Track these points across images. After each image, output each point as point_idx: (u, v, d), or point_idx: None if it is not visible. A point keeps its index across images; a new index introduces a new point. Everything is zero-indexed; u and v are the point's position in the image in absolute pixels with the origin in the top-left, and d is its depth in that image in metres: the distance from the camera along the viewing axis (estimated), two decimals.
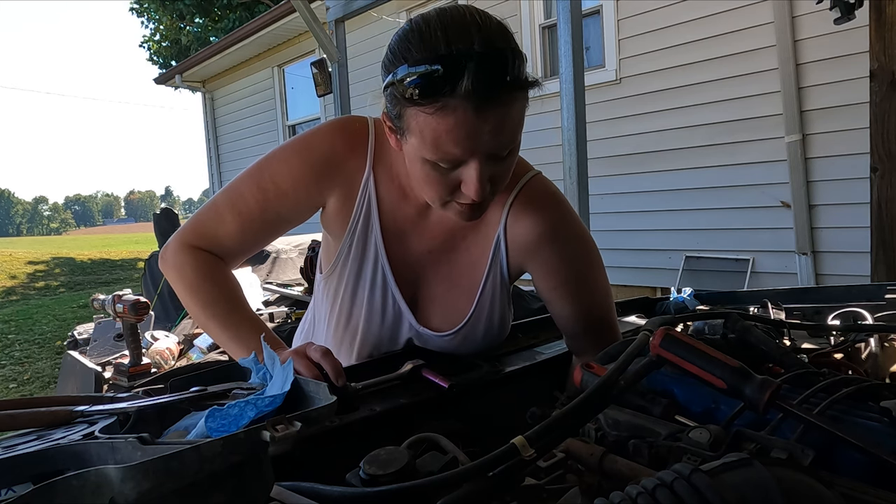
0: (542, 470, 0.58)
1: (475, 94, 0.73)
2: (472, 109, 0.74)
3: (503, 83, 0.75)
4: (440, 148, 0.78)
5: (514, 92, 0.77)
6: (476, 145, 0.78)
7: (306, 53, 8.24)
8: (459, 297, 1.03)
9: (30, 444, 0.62)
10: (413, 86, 0.75)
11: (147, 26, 17.13)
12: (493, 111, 0.76)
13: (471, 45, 0.73)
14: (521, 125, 0.82)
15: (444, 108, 0.75)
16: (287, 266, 4.79)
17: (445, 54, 0.73)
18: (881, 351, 0.93)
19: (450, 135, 0.76)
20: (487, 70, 0.73)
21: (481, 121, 0.76)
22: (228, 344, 1.00)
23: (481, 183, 0.81)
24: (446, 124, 0.76)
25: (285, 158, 0.99)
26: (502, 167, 0.84)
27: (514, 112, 0.79)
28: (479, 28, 0.75)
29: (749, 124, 4.39)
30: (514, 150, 0.84)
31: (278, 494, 0.55)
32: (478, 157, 0.79)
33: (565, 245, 0.99)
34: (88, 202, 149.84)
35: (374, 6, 3.98)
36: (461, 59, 0.73)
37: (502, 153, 0.81)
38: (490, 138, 0.78)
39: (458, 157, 0.80)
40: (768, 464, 0.43)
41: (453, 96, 0.73)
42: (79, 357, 3.27)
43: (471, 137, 0.77)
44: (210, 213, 1.03)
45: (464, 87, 0.73)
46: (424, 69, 0.74)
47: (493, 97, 0.75)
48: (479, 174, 0.80)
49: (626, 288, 5.02)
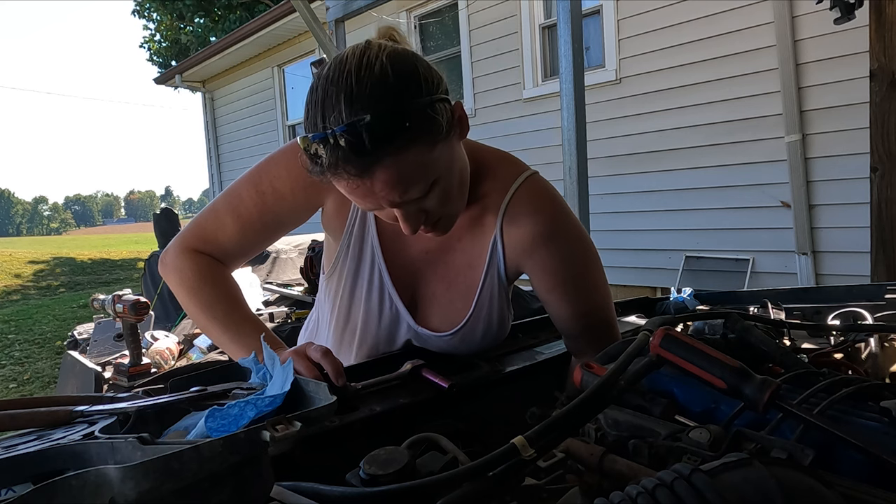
0: (542, 470, 0.58)
1: (345, 167, 0.76)
2: (353, 177, 0.77)
3: (363, 154, 0.75)
4: (354, 202, 0.85)
5: (388, 152, 0.76)
6: (377, 200, 0.81)
7: (306, 53, 8.24)
8: (457, 298, 1.03)
9: (30, 444, 0.62)
10: (308, 155, 0.79)
11: (147, 27, 17.13)
12: (375, 174, 0.77)
13: (334, 120, 0.74)
14: (429, 170, 0.81)
15: (335, 176, 0.78)
16: (287, 266, 4.79)
17: (320, 129, 0.75)
18: (881, 351, 0.93)
19: (349, 193, 0.82)
20: (343, 147, 0.74)
21: (368, 184, 0.78)
22: (229, 345, 1.00)
23: (408, 221, 0.85)
24: (341, 186, 0.81)
25: (283, 161, 0.99)
26: (429, 201, 0.85)
27: (407, 164, 0.78)
28: (348, 96, 0.74)
29: (749, 124, 4.39)
30: (436, 186, 0.84)
31: (278, 494, 0.55)
32: (388, 208, 0.83)
33: (562, 246, 0.99)
34: (88, 202, 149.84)
35: (374, 6, 3.98)
36: (324, 139, 0.75)
37: (411, 198, 0.82)
38: (386, 195, 0.79)
39: (373, 209, 0.85)
40: (768, 464, 0.43)
41: (328, 170, 0.77)
42: (79, 357, 3.27)
43: (368, 196, 0.80)
44: (210, 217, 1.03)
45: (329, 163, 0.76)
46: (306, 148, 0.78)
47: (362, 167, 0.76)
48: (403, 216, 0.85)
49: (626, 288, 5.02)
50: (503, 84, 5.92)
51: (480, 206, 1.00)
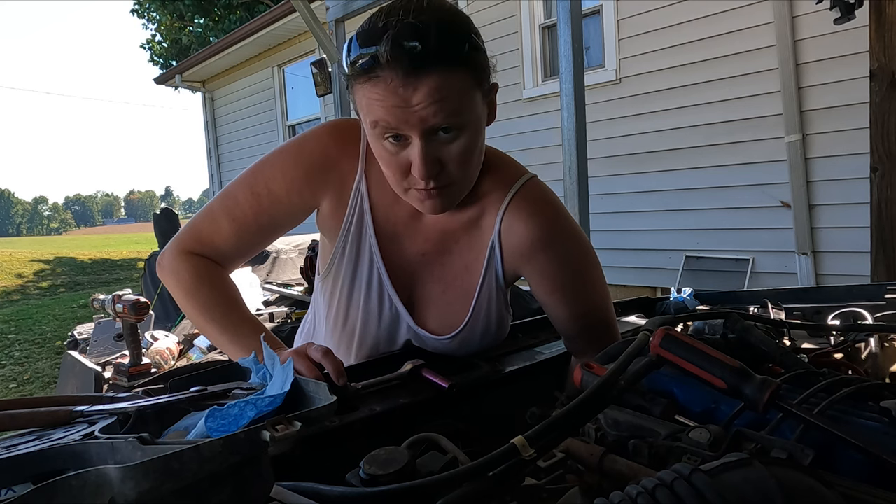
0: (542, 470, 0.58)
1: (399, 60, 0.76)
2: (399, 78, 0.77)
3: (427, 52, 0.76)
4: (374, 115, 0.81)
5: (445, 63, 0.78)
6: (408, 115, 0.80)
7: (306, 53, 8.24)
8: (455, 300, 1.03)
9: (30, 444, 0.62)
10: (350, 60, 0.80)
11: (147, 27, 17.14)
12: (422, 81, 0.77)
13: (400, 20, 0.77)
14: (468, 105, 0.83)
15: (374, 79, 0.79)
16: (287, 266, 4.79)
17: (378, 27, 0.78)
18: (881, 351, 0.93)
19: (381, 102, 0.80)
20: (406, 41, 0.76)
21: (410, 90, 0.78)
22: (228, 346, 1.00)
23: (425, 161, 0.83)
24: (377, 92, 0.79)
25: (278, 163, 1.00)
26: (451, 150, 0.85)
27: (452, 86, 0.80)
28: (416, 8, 0.77)
29: (749, 124, 4.39)
30: (465, 132, 0.85)
31: (278, 494, 0.55)
32: (416, 130, 0.81)
33: (561, 249, 0.99)
34: (88, 202, 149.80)
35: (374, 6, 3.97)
36: (382, 31, 0.77)
37: (440, 125, 0.82)
38: (423, 109, 0.79)
39: (392, 126, 0.81)
40: (768, 464, 0.43)
41: (381, 66, 0.77)
42: (79, 357, 3.27)
43: (401, 106, 0.79)
44: (206, 219, 1.03)
45: (384, 56, 0.76)
46: (360, 43, 0.79)
47: (418, 66, 0.77)
48: (420, 150, 0.82)
49: (626, 288, 5.02)
50: (503, 84, 5.84)
51: (479, 207, 1.00)
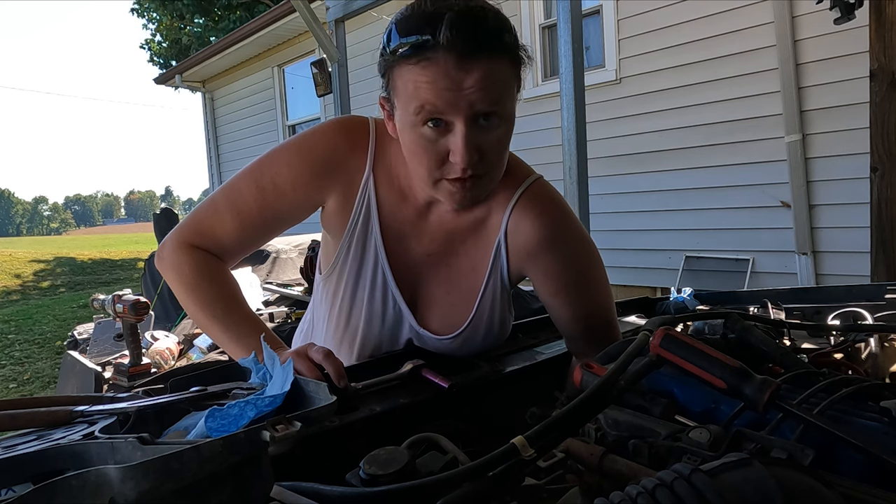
0: (542, 470, 0.58)
1: (454, 46, 0.77)
2: (452, 60, 0.78)
3: (482, 38, 0.78)
4: (420, 99, 0.81)
5: (496, 50, 0.80)
6: (458, 99, 0.80)
7: (306, 53, 8.24)
8: (459, 300, 1.03)
9: (30, 444, 0.62)
10: (398, 43, 0.80)
11: (147, 27, 17.14)
12: (475, 65, 0.78)
13: (453, 4, 0.78)
14: (508, 95, 0.84)
15: (426, 60, 0.79)
16: (287, 266, 4.79)
17: (429, 12, 0.79)
18: (881, 351, 0.93)
19: (431, 85, 0.79)
20: (467, 22, 0.77)
21: (463, 73, 0.78)
22: (228, 344, 0.99)
23: (467, 147, 0.82)
24: (428, 75, 0.79)
25: (285, 158, 0.98)
26: (490, 138, 0.85)
27: (499, 74, 0.81)
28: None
29: (749, 124, 4.39)
30: (504, 122, 0.85)
31: (278, 494, 0.55)
32: (462, 115, 0.81)
33: (566, 250, 0.99)
34: (88, 202, 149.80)
35: (374, 6, 3.98)
36: (443, 12, 0.77)
37: (487, 110, 0.82)
38: (472, 93, 0.79)
39: (439, 110, 0.81)
40: (768, 464, 0.43)
41: (435, 48, 0.77)
42: (79, 357, 3.26)
43: (452, 89, 0.79)
44: (209, 212, 1.02)
45: (443, 37, 0.76)
46: (409, 27, 0.80)
47: (473, 51, 0.78)
48: (463, 135, 0.82)
49: (626, 288, 5.02)
50: None
51: (485, 207, 1.00)
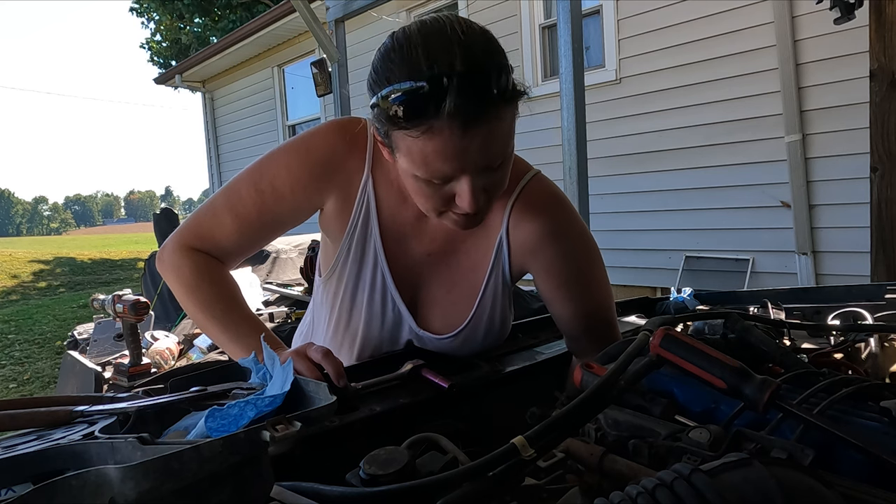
0: (542, 470, 0.58)
1: (459, 114, 0.72)
2: (458, 129, 0.73)
3: (488, 101, 0.74)
4: (429, 167, 0.78)
5: (500, 107, 0.76)
6: (465, 163, 0.78)
7: (306, 53, 8.24)
8: (460, 299, 1.03)
9: (30, 444, 0.62)
10: (397, 106, 0.74)
11: (147, 27, 17.14)
12: (480, 128, 0.75)
13: (453, 63, 0.72)
14: (510, 136, 0.82)
15: (429, 130, 0.74)
16: (287, 266, 4.79)
17: (427, 75, 0.72)
18: (881, 351, 0.93)
19: (438, 155, 0.76)
20: (471, 89, 0.72)
21: (468, 139, 0.75)
22: (228, 345, 1.00)
23: (474, 196, 0.81)
24: (433, 145, 0.75)
25: (284, 160, 0.98)
26: (496, 177, 0.84)
27: (502, 126, 0.78)
28: (461, 44, 0.73)
29: (749, 124, 4.39)
30: (507, 159, 0.84)
31: (278, 494, 0.55)
32: (468, 173, 0.80)
33: (568, 245, 0.99)
34: (88, 202, 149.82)
35: (374, 6, 3.98)
36: (443, 79, 0.71)
37: (493, 165, 0.81)
38: (479, 155, 0.78)
39: (448, 175, 0.80)
40: (768, 464, 0.43)
41: (438, 118, 0.72)
42: (79, 357, 3.26)
43: (459, 156, 0.77)
44: (208, 215, 1.02)
45: (447, 109, 0.71)
46: (407, 89, 0.73)
47: (478, 116, 0.74)
48: (471, 188, 0.81)
49: (626, 288, 5.02)
50: None
51: None
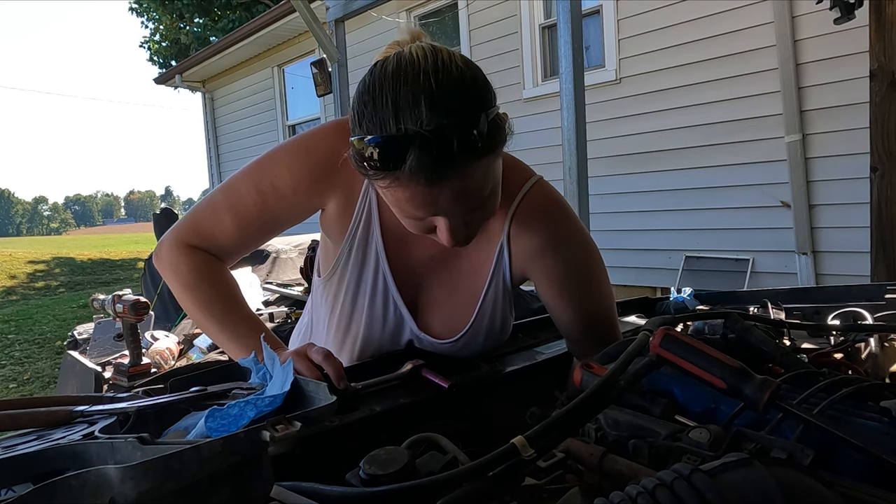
0: (542, 470, 0.58)
1: (422, 171, 0.72)
2: (423, 183, 0.74)
3: (450, 163, 0.73)
4: (403, 211, 0.80)
5: (468, 164, 0.75)
6: (437, 210, 0.78)
7: (306, 53, 8.24)
8: (460, 303, 1.03)
9: (30, 444, 0.62)
10: (368, 154, 0.74)
11: (147, 26, 17.14)
12: (448, 182, 0.75)
13: (419, 120, 0.71)
14: (489, 180, 0.80)
15: (396, 182, 0.75)
16: (287, 266, 4.79)
17: (392, 131, 0.72)
18: (881, 351, 0.93)
19: (409, 202, 0.78)
20: (433, 150, 0.71)
21: (437, 190, 0.75)
22: (227, 344, 0.99)
23: (453, 234, 0.82)
24: (402, 195, 0.77)
25: (285, 160, 0.97)
26: (476, 216, 0.83)
27: (476, 177, 0.77)
28: (432, 98, 0.71)
29: (749, 124, 4.39)
30: (488, 199, 0.82)
31: (278, 494, 0.55)
32: (443, 220, 0.80)
33: (569, 252, 0.99)
34: (88, 202, 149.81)
35: (374, 6, 3.98)
36: (405, 141, 0.71)
37: (469, 209, 0.80)
38: (451, 204, 0.78)
39: (422, 217, 0.80)
40: (768, 464, 0.43)
41: (401, 171, 0.73)
42: (79, 357, 3.27)
43: (430, 205, 0.77)
44: (207, 213, 1.01)
45: (408, 167, 0.72)
46: (373, 143, 0.73)
47: (442, 175, 0.74)
48: (448, 227, 0.81)
49: (626, 288, 5.02)
50: (503, 84, 5.92)
51: None
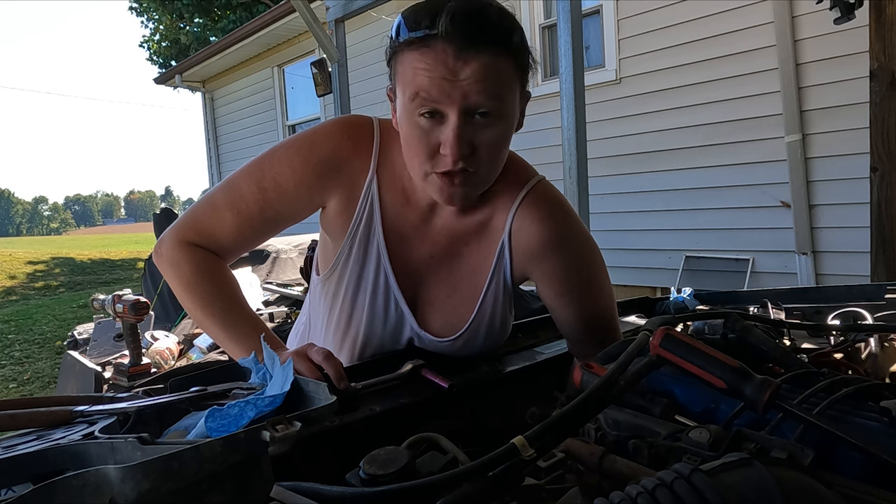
0: (542, 470, 0.58)
1: (454, 33, 0.78)
2: (451, 50, 0.79)
3: (484, 30, 0.80)
4: (416, 85, 0.82)
5: (498, 46, 0.81)
6: (453, 89, 0.81)
7: (306, 53, 8.24)
8: (461, 302, 1.03)
9: (30, 444, 0.62)
10: (401, 28, 0.82)
11: (147, 26, 17.14)
12: (473, 58, 0.80)
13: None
14: (508, 94, 0.85)
15: (425, 45, 0.81)
16: (287, 266, 4.79)
17: (435, 3, 0.81)
18: (881, 351, 0.93)
19: (427, 72, 0.81)
20: (467, 14, 0.79)
21: (461, 63, 0.79)
22: (227, 343, 0.99)
23: (458, 139, 0.83)
24: (426, 61, 0.81)
25: (287, 158, 0.97)
26: (485, 135, 0.85)
27: (499, 71, 0.82)
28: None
29: (749, 124, 4.39)
30: (501, 121, 0.86)
31: (278, 494, 0.55)
32: (455, 106, 0.82)
33: (570, 252, 0.99)
34: (88, 202, 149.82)
35: (374, 6, 3.97)
36: (443, 4, 0.80)
37: (482, 107, 0.83)
38: (468, 85, 0.80)
39: (433, 98, 0.82)
40: (768, 464, 0.43)
41: (435, 38, 0.79)
42: (79, 357, 3.27)
43: (447, 79, 0.80)
44: (208, 210, 1.01)
45: (442, 25, 0.78)
46: (415, 18, 0.81)
47: (472, 42, 0.79)
48: (455, 126, 0.82)
49: (626, 288, 5.02)
50: None
51: (489, 209, 1.00)
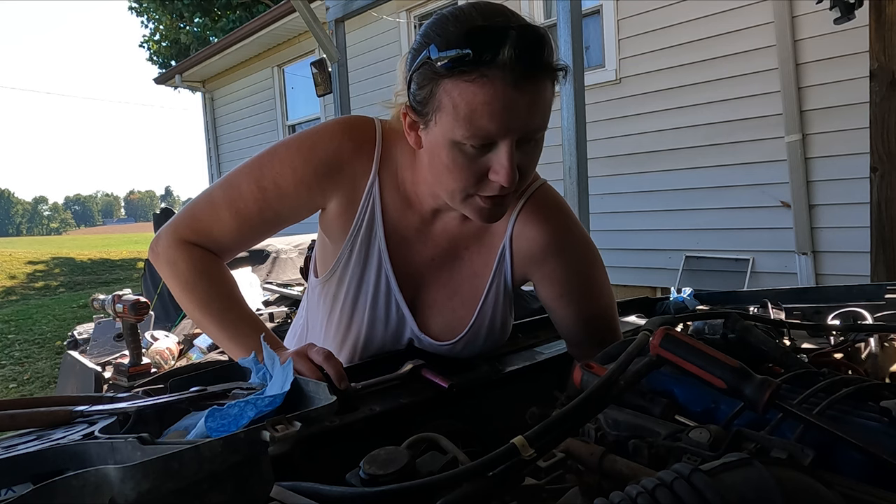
0: (542, 470, 0.58)
1: (516, 64, 0.74)
2: (510, 81, 0.75)
3: (542, 58, 0.77)
4: (474, 122, 0.77)
5: (550, 72, 0.79)
6: (510, 121, 0.77)
7: (306, 53, 8.24)
8: (461, 305, 1.03)
9: (30, 444, 0.62)
10: (451, 57, 0.75)
11: (147, 26, 17.15)
12: (531, 87, 0.77)
13: (508, 21, 0.76)
14: (547, 115, 0.83)
15: (482, 78, 0.75)
16: (287, 266, 4.79)
17: (486, 26, 0.75)
18: (881, 351, 0.93)
19: (486, 107, 0.76)
20: (528, 43, 0.75)
21: (518, 94, 0.76)
22: (226, 343, 0.99)
23: (512, 166, 0.80)
24: (483, 95, 0.75)
25: (288, 157, 0.96)
26: (529, 157, 0.84)
27: (547, 94, 0.80)
28: (513, 13, 0.79)
29: (749, 124, 4.39)
30: (542, 141, 0.85)
31: (278, 494, 0.55)
32: (510, 136, 0.79)
33: (571, 255, 0.99)
34: (88, 202, 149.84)
35: (374, 6, 3.98)
36: (502, 30, 0.74)
37: (535, 136, 0.81)
38: (525, 115, 0.78)
39: (492, 134, 0.78)
40: (768, 464, 0.43)
41: (493, 66, 0.74)
42: (79, 357, 3.27)
43: (506, 111, 0.76)
44: (206, 209, 0.99)
45: (506, 56, 0.74)
46: (469, 32, 0.75)
47: (532, 72, 0.76)
48: (509, 156, 0.79)
49: (626, 288, 5.02)
50: None
51: None
